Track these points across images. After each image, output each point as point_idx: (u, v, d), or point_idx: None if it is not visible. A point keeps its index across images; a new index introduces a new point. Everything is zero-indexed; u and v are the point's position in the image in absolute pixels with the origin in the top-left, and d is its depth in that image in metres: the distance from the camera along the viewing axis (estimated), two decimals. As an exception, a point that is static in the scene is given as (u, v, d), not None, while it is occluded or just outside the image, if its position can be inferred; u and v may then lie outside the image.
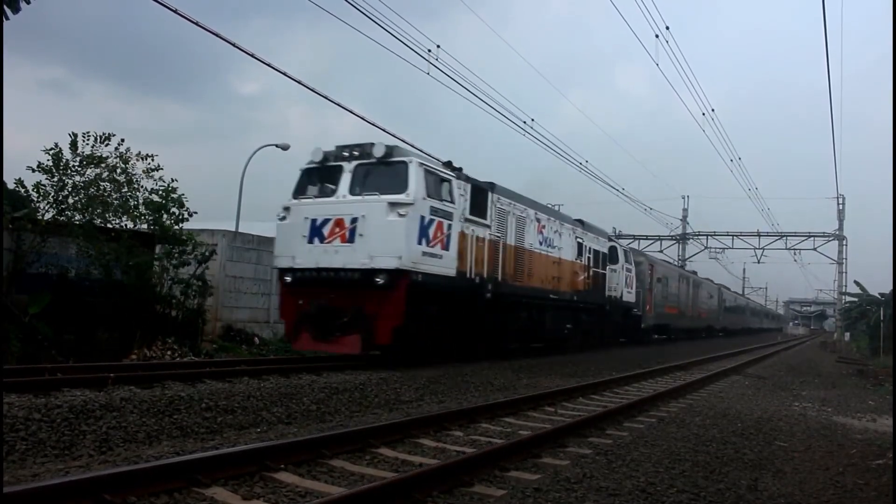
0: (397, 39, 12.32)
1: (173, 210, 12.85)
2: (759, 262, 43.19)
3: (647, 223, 51.35)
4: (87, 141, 11.98)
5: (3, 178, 10.58)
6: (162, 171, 12.77)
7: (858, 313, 37.07)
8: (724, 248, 43.52)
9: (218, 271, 14.58)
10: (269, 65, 11.69)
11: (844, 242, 39.45)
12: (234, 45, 10.85)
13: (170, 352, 11.79)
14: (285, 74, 12.13)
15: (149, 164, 12.58)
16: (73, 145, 11.87)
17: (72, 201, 11.97)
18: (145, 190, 12.73)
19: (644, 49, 17.30)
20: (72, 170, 11.89)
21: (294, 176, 11.53)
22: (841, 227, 39.30)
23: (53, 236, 11.82)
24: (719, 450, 6.43)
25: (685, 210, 43.39)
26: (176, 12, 9.56)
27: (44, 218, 11.61)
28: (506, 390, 9.84)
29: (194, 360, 11.37)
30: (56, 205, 11.86)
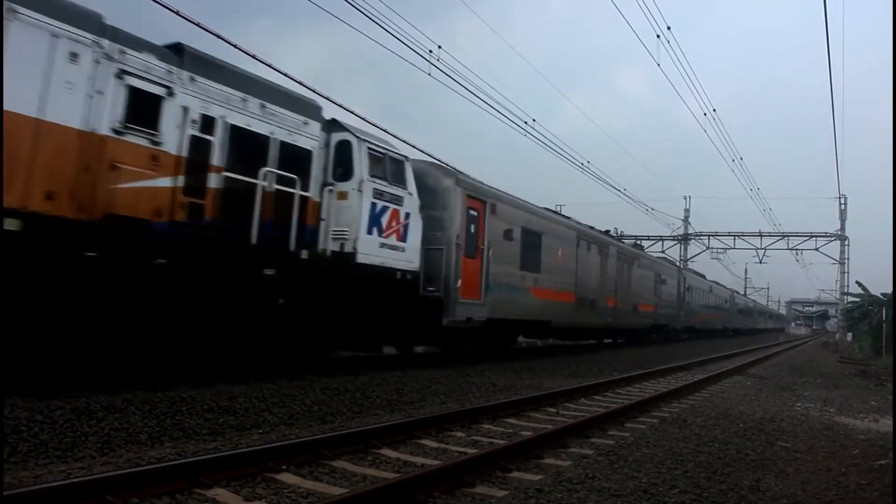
0: (398, 40, 12.31)
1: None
2: (760, 263, 43.22)
3: (649, 223, 51.18)
4: None
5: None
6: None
7: (860, 313, 37.06)
8: (726, 249, 43.48)
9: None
10: (271, 66, 11.70)
11: (846, 242, 39.34)
12: (236, 46, 10.87)
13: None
14: (286, 75, 12.11)
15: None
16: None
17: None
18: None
19: (645, 49, 17.29)
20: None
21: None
22: (843, 227, 39.20)
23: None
24: (721, 450, 6.42)
25: (687, 210, 43.38)
26: (178, 14, 9.57)
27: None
28: (507, 391, 9.84)
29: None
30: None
